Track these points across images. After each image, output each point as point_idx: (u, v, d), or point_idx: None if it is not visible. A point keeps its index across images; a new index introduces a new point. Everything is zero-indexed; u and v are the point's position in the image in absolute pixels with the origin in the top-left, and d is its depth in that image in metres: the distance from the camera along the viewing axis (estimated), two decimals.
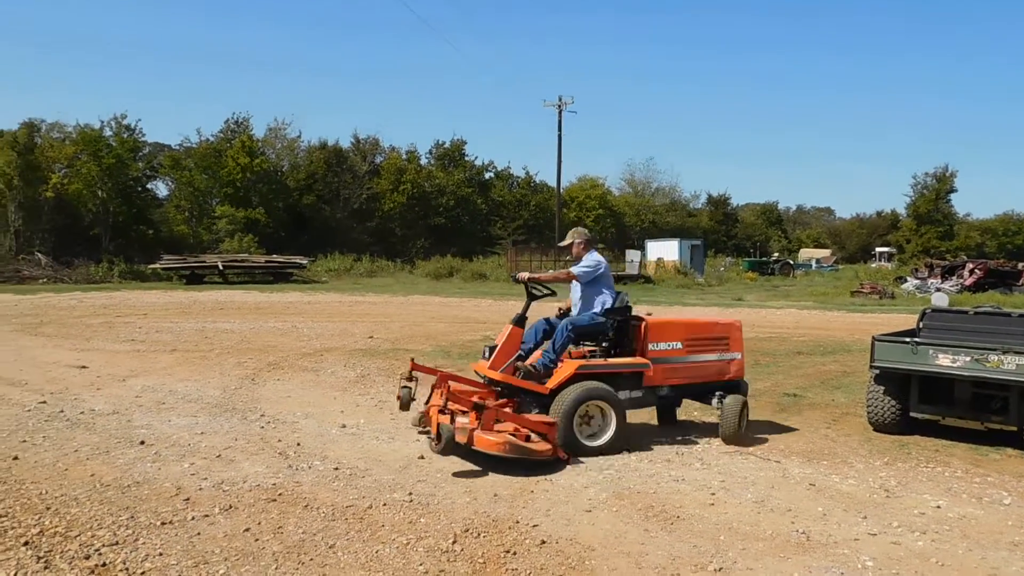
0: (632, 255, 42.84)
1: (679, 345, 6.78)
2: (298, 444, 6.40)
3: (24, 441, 6.43)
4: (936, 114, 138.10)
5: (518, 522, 4.61)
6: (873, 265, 56.31)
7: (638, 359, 6.62)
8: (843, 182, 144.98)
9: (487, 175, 61.79)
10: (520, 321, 6.69)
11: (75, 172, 42.07)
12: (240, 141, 49.33)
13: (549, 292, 7.08)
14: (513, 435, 5.68)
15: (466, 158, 60.32)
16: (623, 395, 6.40)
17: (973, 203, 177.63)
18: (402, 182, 53.86)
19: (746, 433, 6.76)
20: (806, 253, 70.58)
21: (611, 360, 6.59)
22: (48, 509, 4.75)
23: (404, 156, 58.02)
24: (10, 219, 39.81)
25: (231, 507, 4.82)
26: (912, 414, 7.14)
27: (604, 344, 6.78)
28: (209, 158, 48.62)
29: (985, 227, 77.16)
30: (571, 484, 5.38)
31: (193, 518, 4.62)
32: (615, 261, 42.98)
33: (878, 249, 64.65)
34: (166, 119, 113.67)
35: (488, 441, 5.51)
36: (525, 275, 6.94)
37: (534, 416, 6.08)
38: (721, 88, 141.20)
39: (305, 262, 39.18)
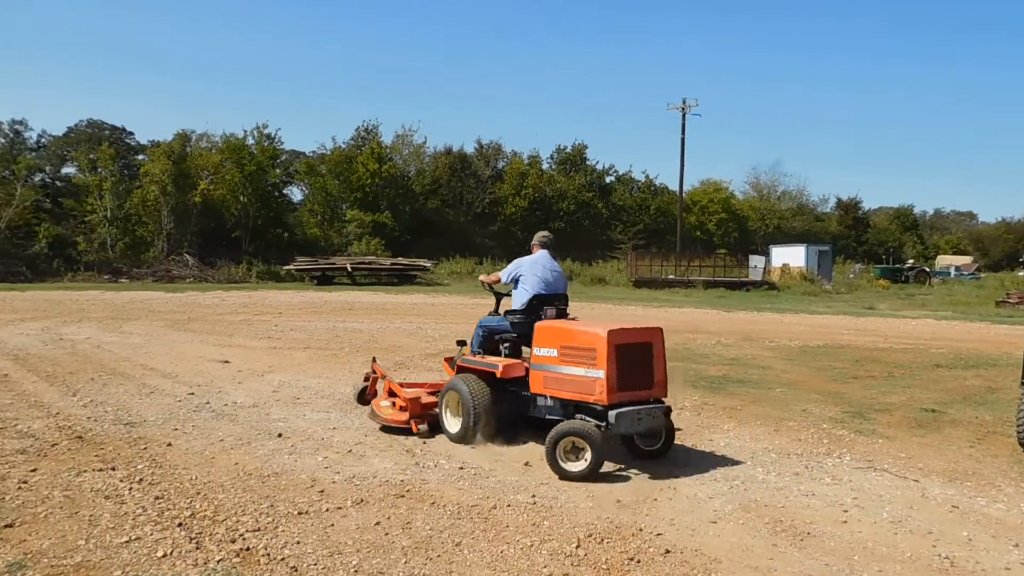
0: (756, 261, 41.59)
1: (555, 352, 6.03)
2: (424, 443, 6.60)
3: (176, 429, 6.94)
4: None
5: (641, 529, 4.59)
6: (1021, 273, 52.28)
7: (497, 360, 6.65)
8: (987, 184, 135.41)
9: (608, 179, 61.55)
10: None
11: (220, 179, 44.88)
12: (370, 148, 51.22)
13: (506, 292, 7.49)
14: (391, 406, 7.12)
15: (587, 162, 60.30)
16: (491, 394, 6.48)
17: None
18: (524, 186, 54.44)
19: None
20: (944, 260, 66.30)
21: (482, 358, 6.84)
22: (198, 494, 5.10)
23: (526, 161, 58.60)
24: (163, 223, 42.87)
25: (362, 501, 5.02)
26: None
27: (506, 344, 6.86)
28: (341, 164, 50.69)
29: None
30: (695, 494, 5.30)
31: (327, 509, 4.86)
32: (738, 267, 41.86)
33: None
34: (302, 128, 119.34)
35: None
36: (481, 277, 7.98)
37: (406, 392, 7.10)
38: (852, 89, 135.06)
39: (429, 265, 40.22)
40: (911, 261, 57.37)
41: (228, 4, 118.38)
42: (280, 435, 6.77)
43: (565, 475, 5.55)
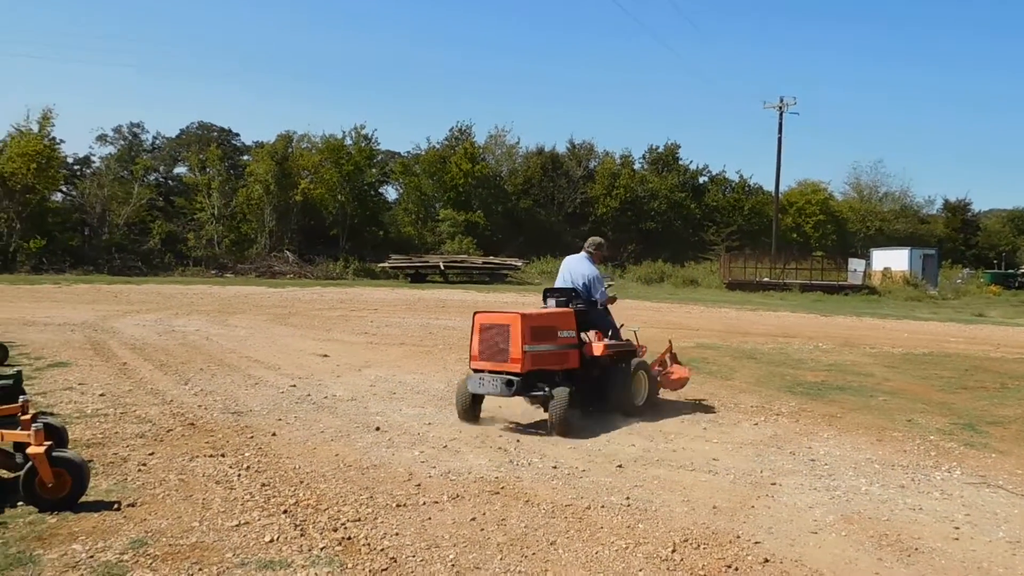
0: (855, 264, 40.13)
1: None
2: (518, 441, 6.66)
3: (279, 420, 7.22)
4: None
5: (739, 537, 4.51)
6: None
7: None
8: None
9: (701, 179, 60.46)
10: None
11: (319, 178, 46.33)
12: (463, 148, 51.84)
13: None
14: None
15: (680, 162, 59.41)
16: None
17: None
18: (615, 187, 54.05)
19: None
20: None
21: None
22: (301, 483, 5.30)
23: (618, 161, 58.16)
24: (266, 220, 44.58)
25: (458, 496, 5.11)
26: None
27: None
28: (435, 164, 51.51)
29: None
30: (795, 502, 5.17)
31: (424, 503, 4.96)
32: (836, 270, 40.46)
33: None
34: (398, 128, 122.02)
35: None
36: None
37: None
38: (959, 85, 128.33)
39: (520, 264, 40.46)
40: None
41: (328, 5, 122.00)
42: (378, 428, 6.96)
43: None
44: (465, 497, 5.10)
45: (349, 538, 4.35)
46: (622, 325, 8.28)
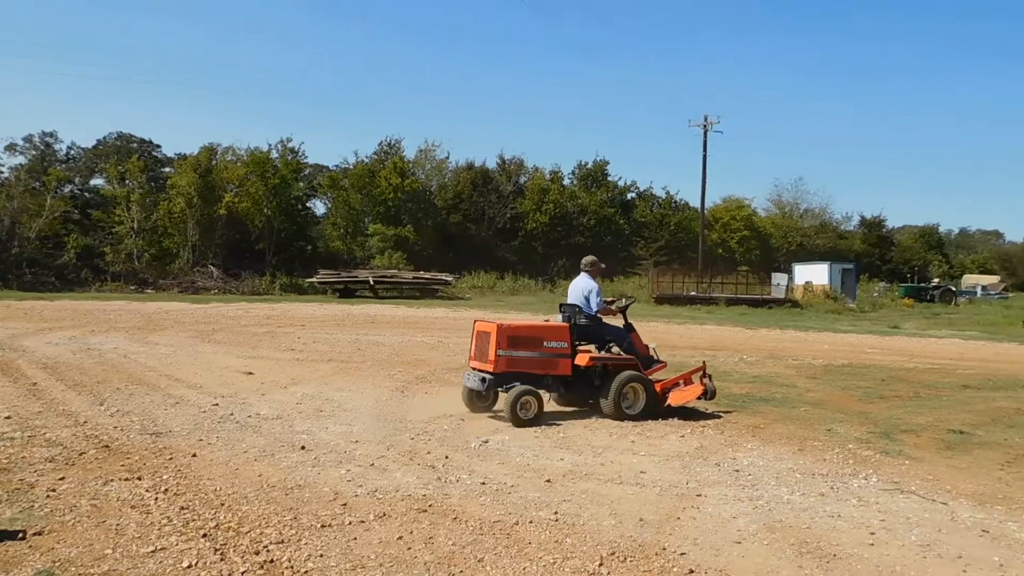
0: (778, 278, 41.28)
1: None
2: (446, 457, 6.60)
3: (200, 440, 6.99)
4: None
5: (665, 549, 4.56)
6: None
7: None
8: (1014, 203, 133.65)
9: (629, 195, 61.46)
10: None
11: (245, 191, 45.37)
12: (393, 162, 51.54)
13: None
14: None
15: (608, 178, 60.29)
16: None
17: None
18: (545, 202, 54.48)
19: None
20: (970, 279, 65.34)
21: None
22: (223, 505, 5.14)
23: (548, 176, 58.68)
24: (189, 234, 43.39)
25: (385, 515, 5.03)
26: None
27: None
28: (364, 178, 51.05)
29: None
30: (719, 513, 5.26)
31: (350, 523, 4.87)
32: (760, 284, 41.58)
33: None
34: (326, 142, 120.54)
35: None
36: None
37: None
38: (875, 107, 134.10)
39: (451, 279, 40.34)
40: (936, 280, 56.62)
41: (253, 18, 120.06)
42: (303, 447, 6.81)
43: None
44: (392, 516, 5.03)
45: (272, 561, 4.23)
46: (653, 346, 9.34)
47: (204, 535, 4.56)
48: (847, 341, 20.01)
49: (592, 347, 8.98)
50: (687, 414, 8.77)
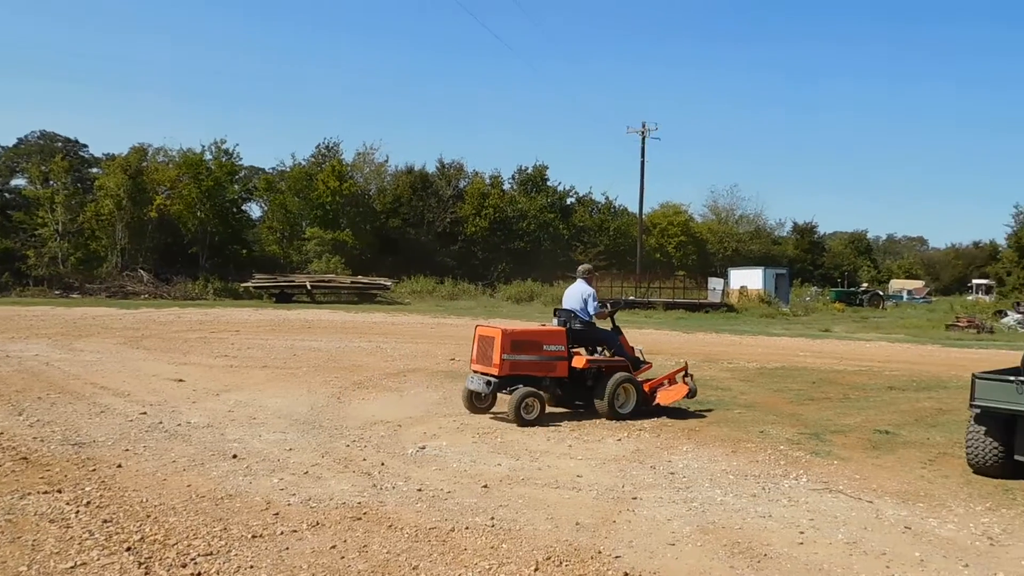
0: (715, 283, 42.11)
1: None
2: (382, 464, 6.52)
3: (127, 450, 6.76)
4: None
5: (600, 552, 4.57)
6: (970, 298, 53.61)
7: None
8: (937, 211, 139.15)
9: (569, 200, 61.96)
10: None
11: (177, 194, 44.23)
12: (330, 165, 50.95)
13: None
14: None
15: (548, 183, 60.66)
16: None
17: None
18: (485, 207, 54.53)
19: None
20: (897, 284, 67.76)
21: None
22: (148, 517, 4.97)
23: (487, 181, 58.75)
24: (118, 237, 42.06)
25: (318, 523, 4.94)
26: (1017, 457, 6.76)
27: None
28: (301, 181, 50.32)
29: None
30: (654, 515, 5.31)
31: (282, 532, 4.76)
32: (697, 289, 42.35)
33: (975, 281, 61.54)
34: (261, 144, 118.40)
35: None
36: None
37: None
38: (808, 114, 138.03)
39: (389, 283, 39.99)
40: (865, 285, 58.52)
41: (187, 18, 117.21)
42: (235, 456, 6.64)
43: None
44: (326, 524, 4.93)
45: (199, 573, 4.11)
46: (639, 348, 9.78)
47: (128, 549, 4.40)
48: (780, 345, 20.49)
49: (582, 350, 9.30)
50: (626, 419, 8.85)
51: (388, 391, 10.50)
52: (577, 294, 9.52)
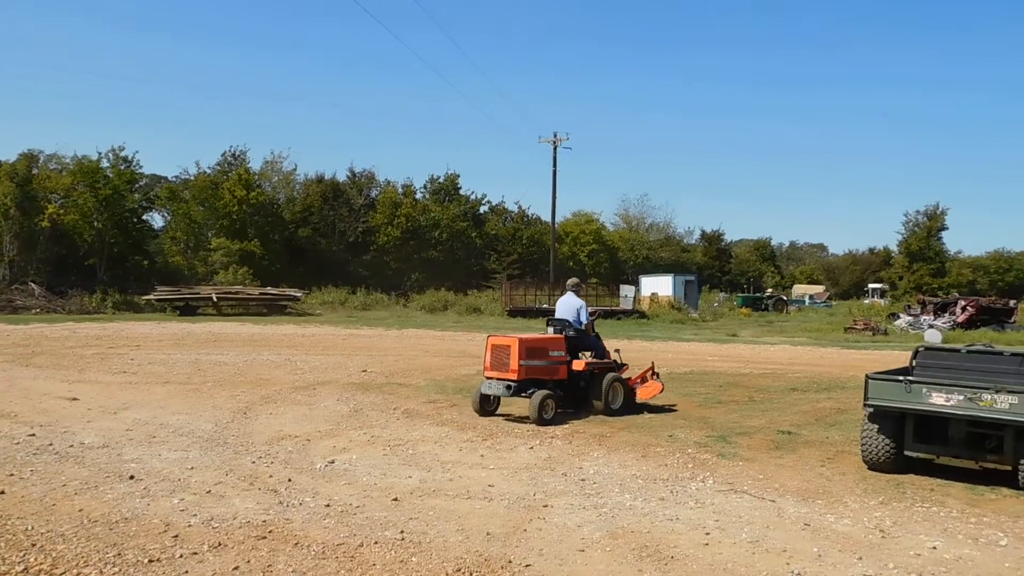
0: (626, 290, 42.90)
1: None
2: (289, 480, 6.34)
3: (11, 475, 6.36)
4: (928, 151, 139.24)
5: (511, 561, 4.55)
6: (866, 301, 56.37)
7: None
8: (836, 219, 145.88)
9: (482, 209, 62.10)
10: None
11: (72, 203, 42.25)
12: (237, 174, 49.65)
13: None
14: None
15: (460, 192, 60.68)
16: None
17: (965, 240, 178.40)
18: (397, 216, 54.11)
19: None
20: (800, 289, 70.72)
21: None
22: (34, 546, 4.68)
23: (400, 190, 58.36)
24: (5, 249, 39.83)
25: (220, 544, 4.75)
26: (907, 453, 7.10)
27: None
28: (206, 190, 48.85)
29: (977, 264, 77.49)
30: (564, 523, 5.33)
31: (181, 555, 4.56)
32: (610, 296, 43.03)
33: (871, 285, 64.87)
34: (164, 151, 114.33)
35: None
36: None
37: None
38: (714, 123, 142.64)
39: (300, 294, 39.20)
40: (770, 290, 60.85)
41: (81, 16, 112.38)
42: (132, 477, 6.33)
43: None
44: (228, 545, 4.75)
45: None
46: (617, 350, 10.83)
47: None
48: (689, 349, 21.00)
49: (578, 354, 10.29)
50: (538, 427, 8.88)
51: (297, 405, 10.24)
52: (570, 305, 10.54)
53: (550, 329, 10.40)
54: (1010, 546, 5.09)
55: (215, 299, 36.10)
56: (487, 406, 9.69)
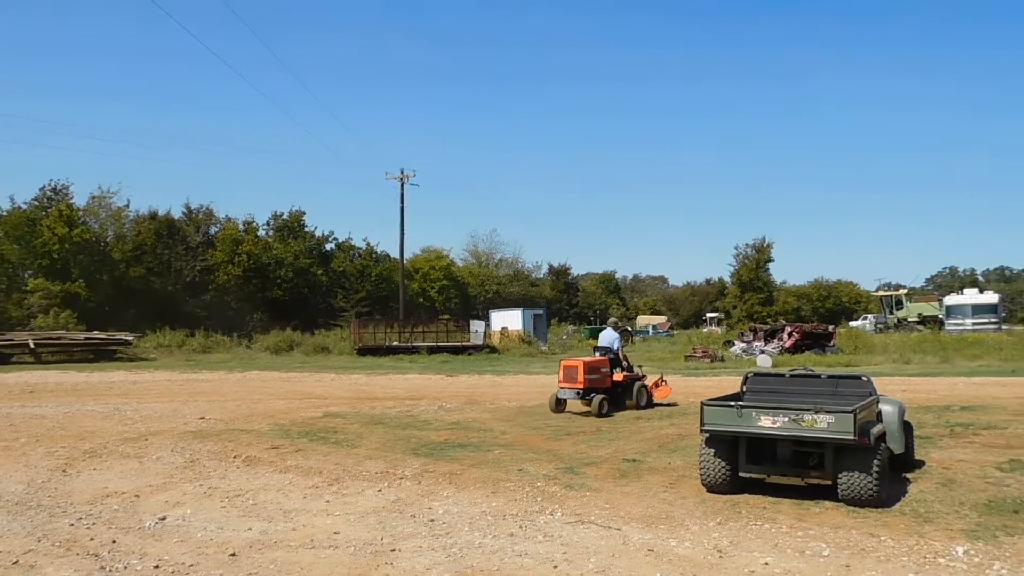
0: (476, 325, 43.13)
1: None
2: (113, 542, 5.84)
3: None
4: (755, 188, 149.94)
5: None
6: (704, 330, 59.51)
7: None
8: (675, 251, 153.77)
9: (327, 246, 60.82)
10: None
11: None
12: (58, 210, 46.13)
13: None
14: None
15: (305, 229, 59.20)
16: None
17: (788, 271, 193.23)
18: (238, 253, 51.96)
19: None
20: (644, 319, 73.76)
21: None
22: None
23: (241, 227, 56.20)
24: None
25: None
26: (741, 474, 7.47)
27: None
28: (21, 227, 45.06)
29: (800, 292, 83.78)
30: (412, 567, 5.19)
31: None
32: (460, 332, 43.12)
33: (708, 315, 68.64)
34: None
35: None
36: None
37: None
38: (556, 157, 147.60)
39: (131, 338, 36.66)
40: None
41: None
42: None
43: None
44: None
45: None
46: (639, 366, 15.83)
47: None
48: (539, 382, 21.30)
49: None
50: (388, 468, 8.67)
51: (125, 458, 9.50)
52: (610, 338, 14.89)
53: (597, 354, 14.68)
54: (831, 556, 5.44)
55: (32, 345, 33.13)
56: (560, 407, 13.53)
